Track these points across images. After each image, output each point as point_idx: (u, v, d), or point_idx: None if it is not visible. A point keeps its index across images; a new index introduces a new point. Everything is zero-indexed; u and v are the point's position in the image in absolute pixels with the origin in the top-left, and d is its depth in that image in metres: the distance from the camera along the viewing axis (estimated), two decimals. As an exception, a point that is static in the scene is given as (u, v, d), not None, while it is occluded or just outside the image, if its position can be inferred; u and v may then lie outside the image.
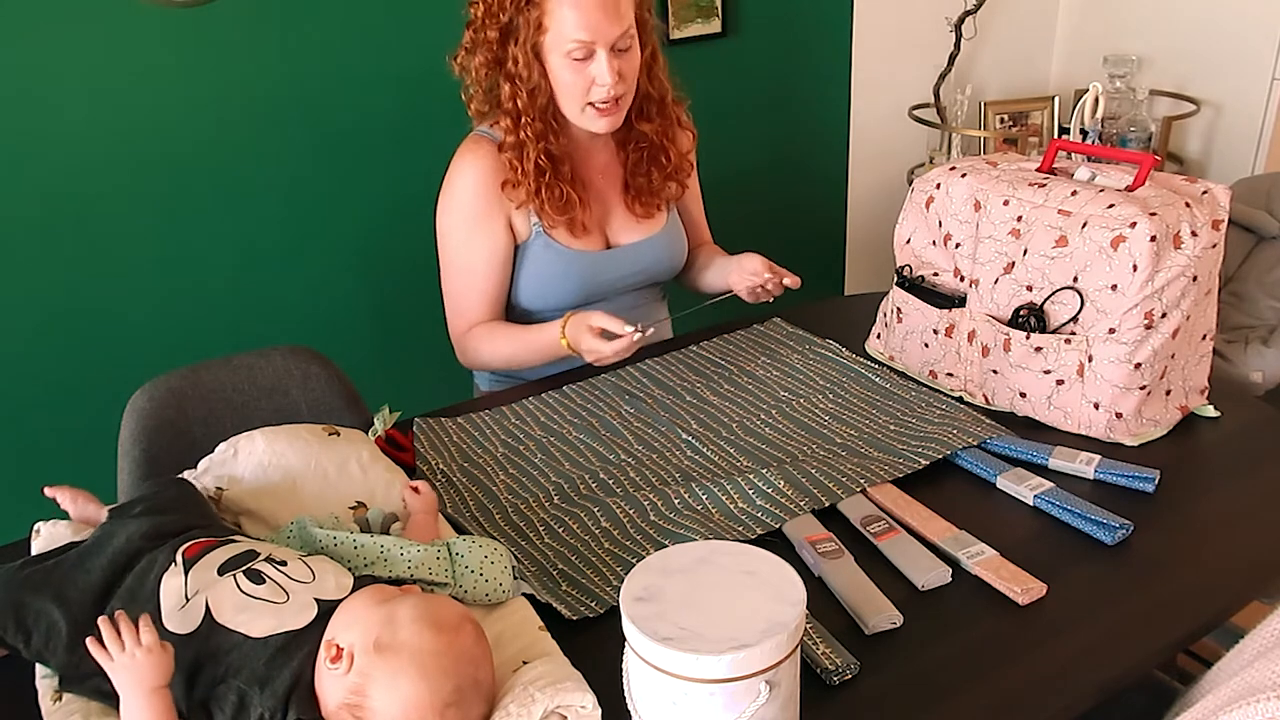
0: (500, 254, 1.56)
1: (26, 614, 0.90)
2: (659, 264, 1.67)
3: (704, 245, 1.80)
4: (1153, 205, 1.22)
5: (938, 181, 1.42)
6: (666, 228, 1.67)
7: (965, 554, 1.08)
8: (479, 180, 1.52)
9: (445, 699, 0.80)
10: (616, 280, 1.62)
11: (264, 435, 1.20)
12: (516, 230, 1.56)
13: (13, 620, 0.90)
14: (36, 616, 0.89)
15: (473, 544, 1.02)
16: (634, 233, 1.63)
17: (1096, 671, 0.94)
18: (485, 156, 1.52)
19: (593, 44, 1.41)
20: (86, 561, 0.93)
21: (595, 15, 1.39)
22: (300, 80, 2.10)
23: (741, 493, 1.19)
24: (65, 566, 0.93)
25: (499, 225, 1.54)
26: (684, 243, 1.72)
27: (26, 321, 1.98)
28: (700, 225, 1.81)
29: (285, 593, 0.89)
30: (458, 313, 1.60)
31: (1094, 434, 1.30)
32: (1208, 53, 2.83)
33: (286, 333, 2.19)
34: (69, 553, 0.95)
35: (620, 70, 1.44)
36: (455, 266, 1.58)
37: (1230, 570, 1.08)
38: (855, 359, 1.53)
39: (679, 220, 1.72)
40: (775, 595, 0.80)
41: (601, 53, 1.42)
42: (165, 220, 2.06)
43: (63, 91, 1.89)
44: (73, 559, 0.94)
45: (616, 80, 1.43)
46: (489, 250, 1.55)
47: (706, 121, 1.72)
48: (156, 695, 0.81)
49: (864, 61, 2.90)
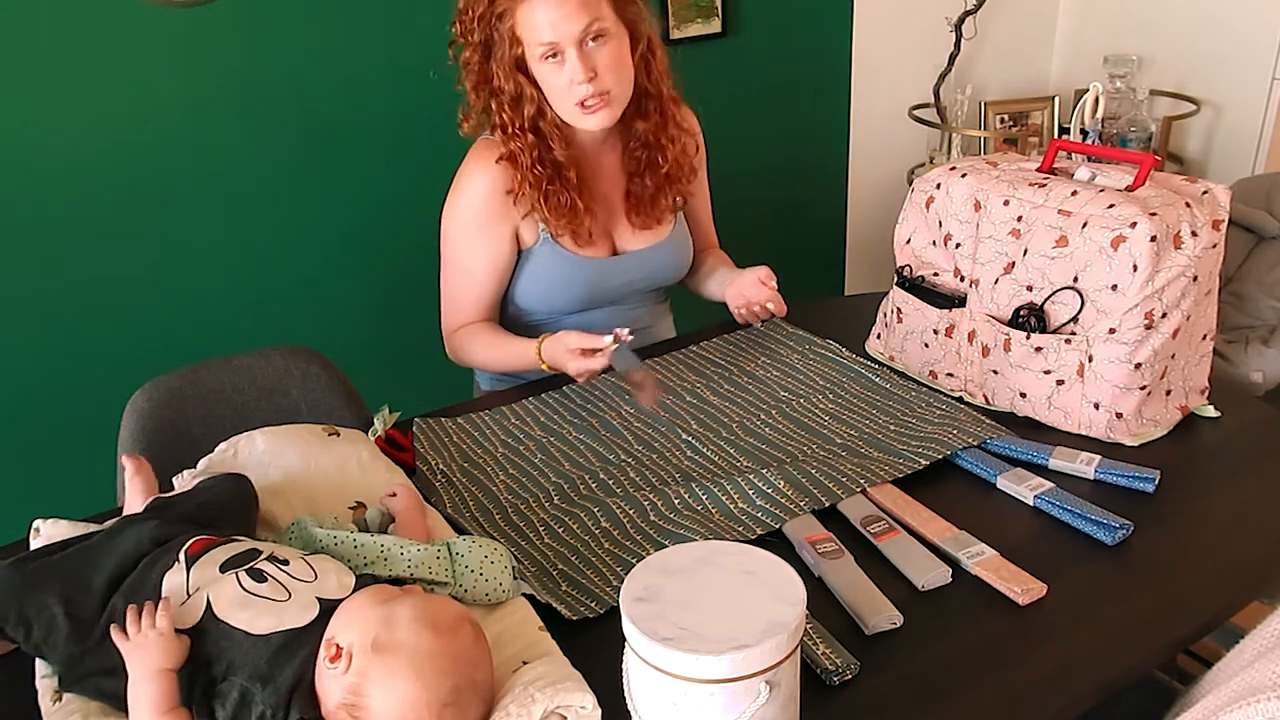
0: (502, 261, 1.56)
1: (28, 606, 0.90)
2: (664, 270, 1.67)
3: (710, 250, 1.79)
4: (1153, 205, 1.22)
5: (938, 181, 1.42)
6: (673, 234, 1.65)
7: (965, 554, 1.08)
8: (489, 187, 1.51)
9: (442, 699, 0.80)
10: (622, 286, 1.62)
11: (264, 435, 1.20)
12: (523, 238, 1.56)
13: (14, 612, 0.90)
14: (39, 610, 0.89)
15: (473, 544, 1.02)
16: (640, 240, 1.62)
17: (1097, 671, 0.94)
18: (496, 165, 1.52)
19: (557, 43, 1.40)
20: (93, 559, 0.94)
21: (553, 15, 1.38)
22: (300, 80, 2.10)
23: (741, 493, 1.19)
24: (71, 562, 0.94)
25: (504, 233, 1.54)
26: (690, 249, 1.71)
27: (26, 321, 1.98)
28: (707, 229, 1.79)
29: (287, 591, 0.89)
30: (451, 309, 1.62)
31: (1094, 434, 1.30)
32: (1208, 53, 2.83)
33: (286, 333, 2.19)
34: (74, 548, 0.96)
35: (596, 65, 1.42)
36: (455, 267, 1.58)
37: (1230, 570, 1.08)
38: (855, 359, 1.53)
39: (686, 226, 1.70)
40: (775, 595, 0.80)
41: (570, 50, 1.40)
42: (165, 220, 2.06)
43: (63, 91, 1.89)
44: (79, 555, 0.94)
45: (591, 75, 1.41)
46: (490, 257, 1.55)
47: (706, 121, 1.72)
48: (161, 677, 0.82)
49: (864, 61, 2.90)
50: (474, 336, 1.59)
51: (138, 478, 1.11)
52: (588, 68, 1.41)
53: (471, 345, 1.60)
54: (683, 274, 1.71)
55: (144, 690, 0.82)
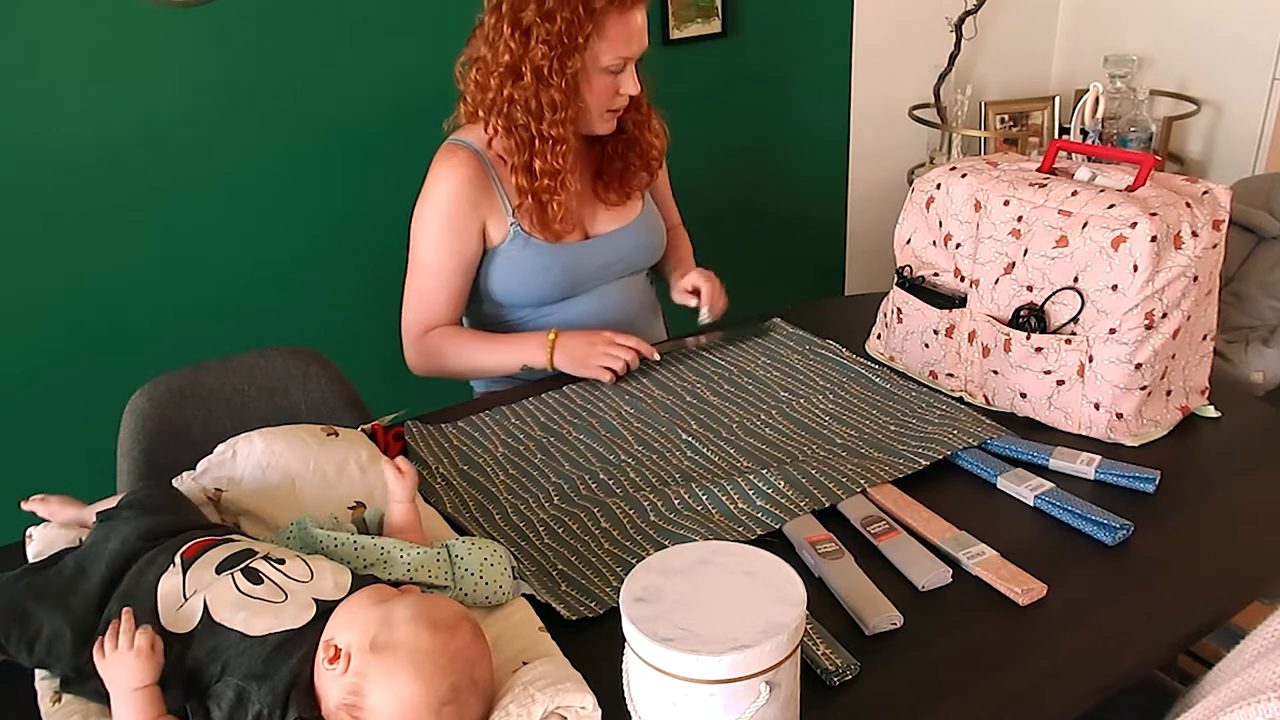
0: (469, 259, 1.58)
1: (29, 624, 0.90)
2: (639, 250, 1.70)
3: (674, 227, 1.85)
4: (1153, 205, 1.22)
5: (938, 181, 1.42)
6: (643, 214, 1.70)
7: (966, 554, 1.08)
8: (457, 186, 1.53)
9: (442, 698, 0.80)
10: (599, 270, 1.64)
11: (262, 436, 1.20)
12: (490, 235, 1.57)
13: (16, 631, 0.90)
14: (40, 627, 0.89)
15: (472, 546, 1.02)
16: (610, 222, 1.66)
17: (1097, 672, 0.94)
18: (463, 164, 1.54)
19: (631, 57, 1.51)
20: (86, 568, 0.93)
21: (637, 30, 1.49)
22: (300, 81, 2.10)
23: (741, 493, 1.19)
24: (66, 574, 0.93)
25: (473, 231, 1.56)
26: (662, 229, 1.75)
27: (26, 322, 1.98)
28: (670, 205, 1.87)
29: (283, 592, 0.89)
30: (420, 311, 1.60)
31: (1094, 434, 1.30)
32: (1208, 53, 2.83)
33: (286, 333, 2.19)
34: (66, 559, 0.95)
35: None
36: (426, 268, 1.58)
37: (1230, 570, 1.08)
38: (855, 359, 1.53)
39: (654, 207, 1.75)
40: (775, 596, 0.80)
41: (630, 65, 1.51)
42: (165, 220, 2.06)
43: (63, 91, 1.89)
44: (72, 565, 0.94)
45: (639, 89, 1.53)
46: (460, 254, 1.57)
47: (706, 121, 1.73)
48: (139, 695, 0.82)
49: (864, 61, 2.90)
50: (454, 340, 1.59)
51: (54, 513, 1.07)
52: (638, 82, 1.52)
53: (450, 350, 1.59)
54: (657, 254, 1.74)
55: (125, 707, 0.82)
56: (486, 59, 1.49)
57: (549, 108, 1.48)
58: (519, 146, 1.51)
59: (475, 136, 1.56)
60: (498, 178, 1.56)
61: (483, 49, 1.49)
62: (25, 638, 0.90)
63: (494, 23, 1.47)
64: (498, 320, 1.66)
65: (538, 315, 1.63)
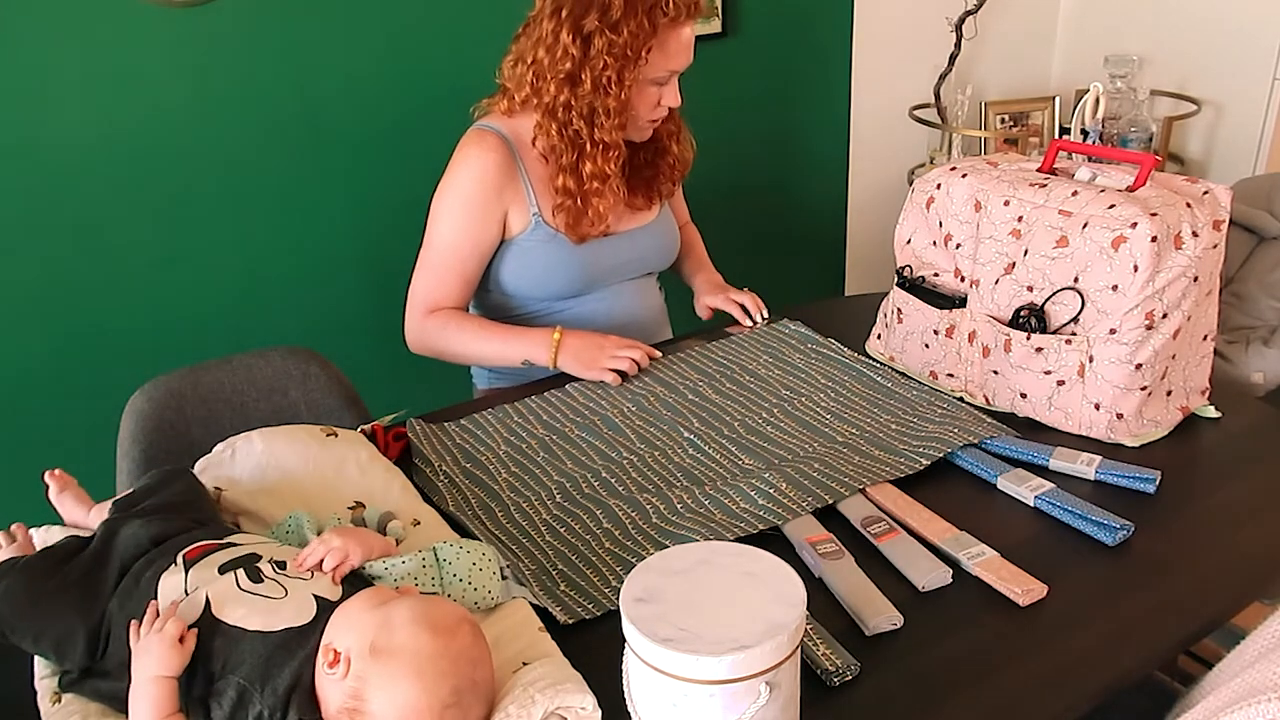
0: (488, 244, 1.58)
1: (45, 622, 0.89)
2: (655, 251, 1.71)
3: (684, 225, 1.88)
4: (1153, 205, 1.22)
5: (938, 181, 1.42)
6: (660, 218, 1.72)
7: (966, 555, 1.08)
8: (485, 170, 1.54)
9: (443, 700, 0.80)
10: (615, 268, 1.65)
11: (262, 436, 1.20)
12: (510, 225, 1.58)
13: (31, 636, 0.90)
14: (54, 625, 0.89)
15: (460, 550, 1.01)
16: (629, 221, 1.67)
17: (1097, 672, 0.94)
18: (493, 149, 1.54)
19: (679, 71, 1.53)
20: (97, 570, 0.93)
21: (687, 44, 1.52)
22: (300, 80, 2.10)
23: (742, 493, 1.19)
24: (76, 574, 0.93)
25: (494, 216, 1.56)
26: (676, 234, 1.77)
27: (26, 322, 1.98)
28: (681, 203, 1.90)
29: (284, 589, 0.89)
30: (429, 290, 1.60)
31: (1095, 435, 1.30)
32: (1208, 53, 2.83)
33: (286, 333, 2.19)
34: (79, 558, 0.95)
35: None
36: (442, 246, 1.58)
37: (1231, 571, 1.08)
38: (857, 358, 1.53)
39: (670, 212, 1.77)
40: (775, 596, 0.80)
41: (674, 78, 1.54)
42: (165, 220, 2.06)
43: (62, 91, 1.89)
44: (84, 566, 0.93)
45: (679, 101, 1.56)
46: (478, 238, 1.57)
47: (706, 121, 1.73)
48: (157, 684, 0.82)
49: (864, 61, 2.90)
50: (457, 323, 1.59)
51: (65, 493, 1.09)
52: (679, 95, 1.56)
53: (453, 332, 1.59)
54: (671, 258, 1.76)
55: (143, 694, 0.82)
56: (543, 62, 1.49)
57: (604, 114, 1.49)
58: (568, 148, 1.51)
59: (505, 124, 1.57)
60: (525, 168, 1.56)
61: (539, 52, 1.49)
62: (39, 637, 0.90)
63: (552, 28, 1.46)
64: (506, 312, 1.66)
65: (550, 310, 1.63)
